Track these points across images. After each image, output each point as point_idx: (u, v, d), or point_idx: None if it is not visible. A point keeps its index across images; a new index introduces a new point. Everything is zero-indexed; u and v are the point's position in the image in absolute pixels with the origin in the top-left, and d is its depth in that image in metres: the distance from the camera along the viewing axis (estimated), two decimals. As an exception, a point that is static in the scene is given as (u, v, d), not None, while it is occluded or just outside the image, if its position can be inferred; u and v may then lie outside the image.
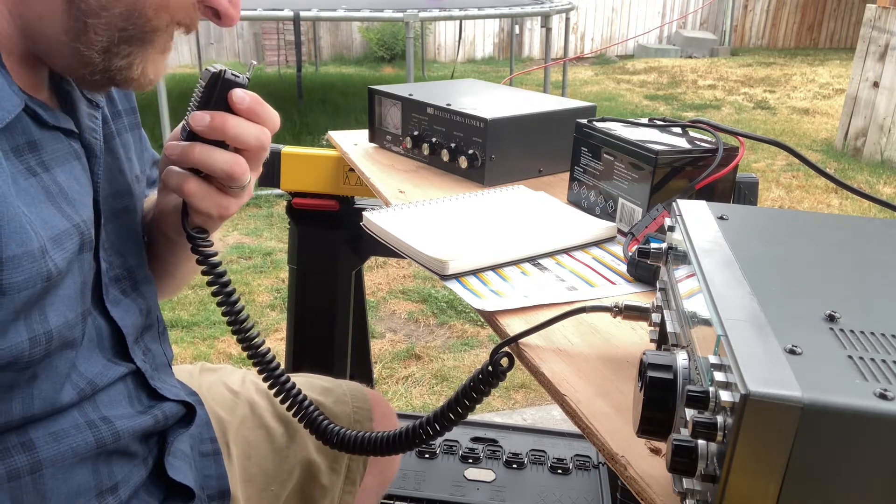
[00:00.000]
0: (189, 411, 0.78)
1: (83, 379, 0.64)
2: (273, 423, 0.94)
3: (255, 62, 0.74)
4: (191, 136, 0.67)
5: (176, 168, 0.69)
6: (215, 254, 0.72)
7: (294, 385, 0.77)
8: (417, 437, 0.71)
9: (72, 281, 0.60)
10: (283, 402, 0.77)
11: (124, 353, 0.71)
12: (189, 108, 0.67)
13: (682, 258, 0.53)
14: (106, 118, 0.72)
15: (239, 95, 0.66)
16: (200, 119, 0.65)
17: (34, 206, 0.57)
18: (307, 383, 1.01)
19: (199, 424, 0.86)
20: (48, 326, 0.58)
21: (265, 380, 0.76)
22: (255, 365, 0.75)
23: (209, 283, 0.71)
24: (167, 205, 0.76)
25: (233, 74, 0.67)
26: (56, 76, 0.65)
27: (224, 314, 0.72)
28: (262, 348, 0.74)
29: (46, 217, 0.58)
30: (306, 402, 0.77)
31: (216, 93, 0.66)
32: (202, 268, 0.71)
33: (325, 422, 0.77)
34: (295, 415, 0.77)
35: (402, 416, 1.21)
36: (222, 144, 0.67)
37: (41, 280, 0.56)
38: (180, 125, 0.70)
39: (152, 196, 0.83)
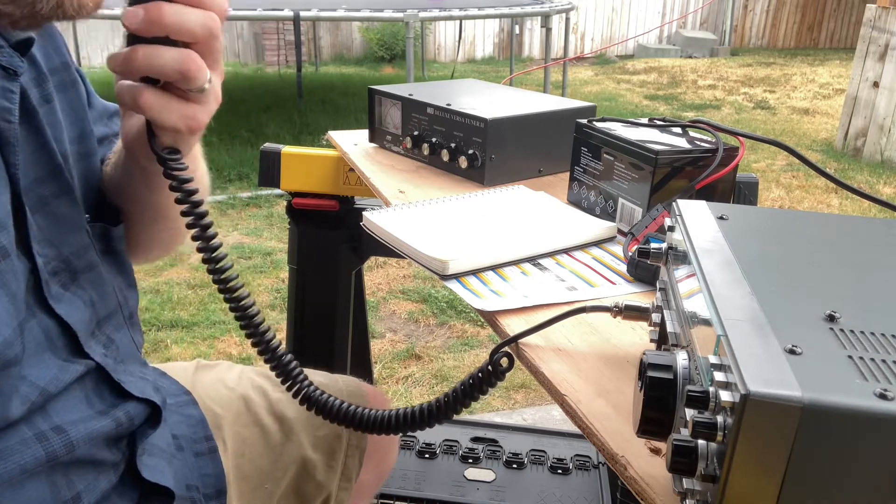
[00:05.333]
0: (154, 410, 0.73)
1: (34, 390, 0.59)
2: (268, 420, 0.92)
3: None
4: (131, 39, 0.58)
5: (126, 81, 0.59)
6: (191, 178, 0.62)
7: (279, 346, 0.69)
8: (406, 422, 0.68)
9: None
10: (258, 349, 0.69)
11: (80, 349, 0.65)
12: (123, 10, 0.58)
13: (682, 258, 0.53)
14: (25, 91, 0.63)
15: None
16: (133, 15, 0.56)
17: None
18: None
19: (194, 424, 0.85)
20: None
21: (243, 328, 0.67)
22: (231, 311, 0.66)
23: (183, 213, 0.62)
24: (131, 128, 0.67)
25: None
26: None
27: (199, 250, 0.63)
28: (240, 291, 0.65)
29: None
30: (286, 360, 0.70)
31: None
32: (176, 195, 0.62)
33: (314, 389, 0.71)
34: (273, 369, 0.70)
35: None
36: (168, 42, 0.58)
37: None
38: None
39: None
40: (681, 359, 0.46)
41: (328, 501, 0.95)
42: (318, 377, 1.00)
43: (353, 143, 1.26)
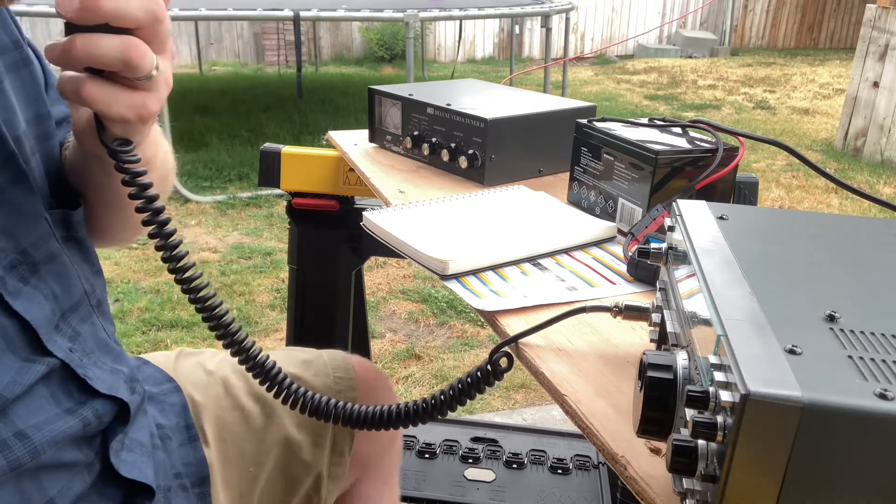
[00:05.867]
0: (122, 408, 0.71)
1: None
2: (248, 403, 0.90)
3: None
4: (69, 28, 0.54)
5: (68, 73, 0.56)
6: (145, 171, 0.59)
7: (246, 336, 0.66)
8: (399, 418, 0.68)
9: None
10: (237, 358, 0.66)
11: (41, 346, 0.62)
12: None
13: (682, 258, 0.53)
14: None
15: None
16: (68, 2, 0.52)
17: None
18: (286, 357, 0.96)
19: (177, 412, 0.84)
20: None
21: (211, 329, 0.63)
22: (197, 311, 0.63)
23: (138, 210, 0.59)
24: (80, 119, 0.62)
25: None
26: None
27: (157, 248, 0.60)
28: (204, 290, 0.62)
29: None
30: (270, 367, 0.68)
31: None
32: (129, 190, 0.59)
33: (297, 387, 0.70)
34: (249, 370, 0.68)
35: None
36: (108, 29, 0.54)
37: None
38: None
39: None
40: (681, 359, 0.46)
41: (319, 480, 0.92)
42: (301, 354, 0.98)
43: (353, 143, 1.26)
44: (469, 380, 0.65)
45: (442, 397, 0.66)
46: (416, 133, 1.15)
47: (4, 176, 0.61)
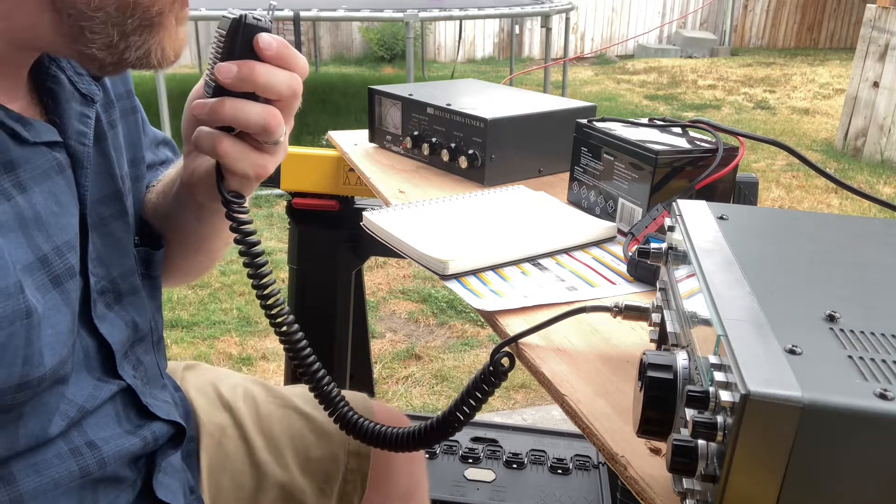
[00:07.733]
0: (178, 431, 0.75)
1: (73, 407, 0.61)
2: (254, 436, 0.89)
3: (274, 2, 0.64)
4: (217, 91, 0.61)
5: (206, 128, 0.63)
6: (251, 221, 0.66)
7: (325, 375, 0.73)
8: (427, 437, 0.71)
9: (61, 316, 0.57)
10: (311, 391, 0.73)
11: (113, 369, 0.67)
12: (210, 62, 0.62)
13: (682, 258, 0.53)
14: (97, 115, 0.67)
15: (265, 40, 0.60)
16: (227, 71, 0.59)
17: (4, 237, 0.53)
18: (304, 395, 0.95)
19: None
20: (44, 370, 0.54)
21: (295, 366, 0.71)
22: (282, 343, 0.69)
23: (241, 254, 0.66)
24: (198, 168, 0.69)
25: (255, 18, 0.61)
26: (40, 75, 0.61)
27: (254, 287, 0.66)
28: (290, 327, 0.69)
29: (13, 248, 0.54)
30: (335, 396, 0.73)
31: (239, 40, 0.60)
32: (235, 236, 0.66)
33: (349, 411, 0.74)
34: (322, 405, 0.74)
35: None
36: (252, 97, 0.62)
37: (20, 317, 0.53)
38: (201, 81, 0.65)
39: (175, 166, 0.78)
40: (681, 359, 0.46)
41: None
42: None
43: (353, 143, 1.26)
44: (475, 385, 0.66)
45: (465, 409, 0.67)
46: (416, 133, 1.15)
47: (111, 209, 0.68)
